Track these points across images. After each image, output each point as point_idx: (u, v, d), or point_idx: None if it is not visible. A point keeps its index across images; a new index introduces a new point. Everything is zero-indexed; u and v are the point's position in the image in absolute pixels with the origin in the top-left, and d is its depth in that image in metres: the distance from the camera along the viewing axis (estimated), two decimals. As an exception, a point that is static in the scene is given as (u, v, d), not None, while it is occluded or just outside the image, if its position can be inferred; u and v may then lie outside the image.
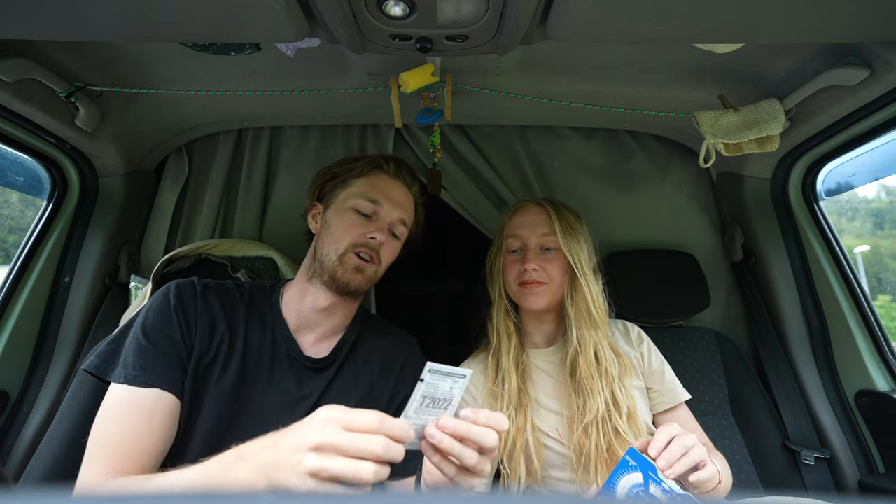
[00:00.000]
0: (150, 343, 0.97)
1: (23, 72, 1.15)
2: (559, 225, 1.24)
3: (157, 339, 0.98)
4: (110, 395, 0.94)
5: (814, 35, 0.97)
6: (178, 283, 1.08)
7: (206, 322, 1.04)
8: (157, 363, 0.96)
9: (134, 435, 0.90)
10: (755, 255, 1.70)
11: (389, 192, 1.17)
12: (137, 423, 0.91)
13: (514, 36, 0.92)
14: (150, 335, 0.98)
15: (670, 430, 0.93)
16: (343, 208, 1.15)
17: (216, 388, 1.00)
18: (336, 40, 0.95)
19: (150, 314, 1.02)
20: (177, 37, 1.01)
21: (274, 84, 1.44)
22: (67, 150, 1.44)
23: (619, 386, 1.17)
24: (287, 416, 1.01)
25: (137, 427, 0.91)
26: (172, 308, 1.02)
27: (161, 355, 0.97)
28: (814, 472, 1.45)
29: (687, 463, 0.88)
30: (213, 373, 1.01)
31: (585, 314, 1.21)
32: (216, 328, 1.04)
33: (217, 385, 1.01)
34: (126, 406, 0.92)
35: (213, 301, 1.07)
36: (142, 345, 0.97)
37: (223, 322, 1.06)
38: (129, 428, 0.91)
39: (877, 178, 1.60)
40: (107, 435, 0.91)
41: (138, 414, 0.92)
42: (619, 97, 1.52)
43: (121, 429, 0.91)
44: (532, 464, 1.14)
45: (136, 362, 0.95)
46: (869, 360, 1.49)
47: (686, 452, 0.89)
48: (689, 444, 0.90)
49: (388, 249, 1.15)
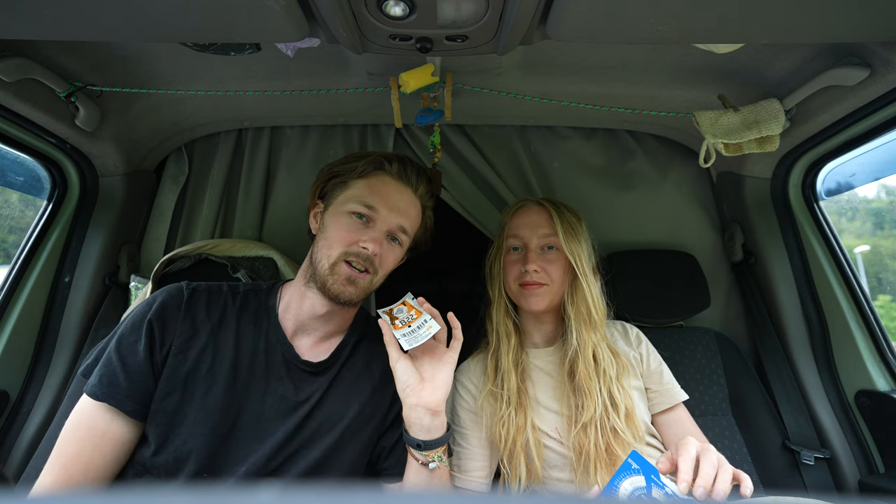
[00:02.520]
0: (118, 356, 0.97)
1: (23, 72, 1.15)
2: (561, 225, 1.24)
3: (124, 353, 0.98)
4: (79, 404, 0.96)
5: (814, 35, 0.97)
6: (165, 292, 1.06)
7: (184, 333, 1.01)
8: (116, 378, 0.95)
9: (83, 457, 0.91)
10: (755, 255, 1.70)
11: (389, 196, 1.10)
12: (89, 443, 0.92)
13: (514, 36, 0.92)
14: (120, 346, 0.98)
15: (689, 451, 0.86)
16: (339, 212, 1.09)
17: (204, 403, 0.97)
18: (336, 40, 0.95)
19: (128, 323, 1.01)
20: (177, 37, 1.01)
21: (274, 84, 1.44)
22: (67, 150, 1.44)
23: (617, 386, 1.17)
24: (285, 423, 1.01)
25: (88, 448, 0.92)
26: (146, 322, 1.00)
27: (121, 371, 0.96)
28: (814, 472, 1.45)
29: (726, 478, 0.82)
30: (196, 386, 0.98)
31: (585, 314, 1.21)
32: (195, 338, 1.02)
33: (205, 399, 0.98)
34: (84, 421, 0.93)
35: (199, 309, 1.05)
36: (110, 357, 0.97)
37: (206, 331, 1.03)
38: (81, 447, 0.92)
39: (877, 178, 1.60)
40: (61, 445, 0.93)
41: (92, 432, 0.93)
42: (619, 97, 1.52)
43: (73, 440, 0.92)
44: (532, 463, 1.14)
45: (98, 372, 0.96)
46: (869, 360, 1.49)
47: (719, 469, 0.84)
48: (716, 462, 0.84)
49: (386, 257, 1.09)
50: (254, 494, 0.28)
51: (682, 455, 0.86)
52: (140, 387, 0.96)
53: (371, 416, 1.10)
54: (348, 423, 1.06)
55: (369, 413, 1.10)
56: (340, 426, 1.06)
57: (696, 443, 0.88)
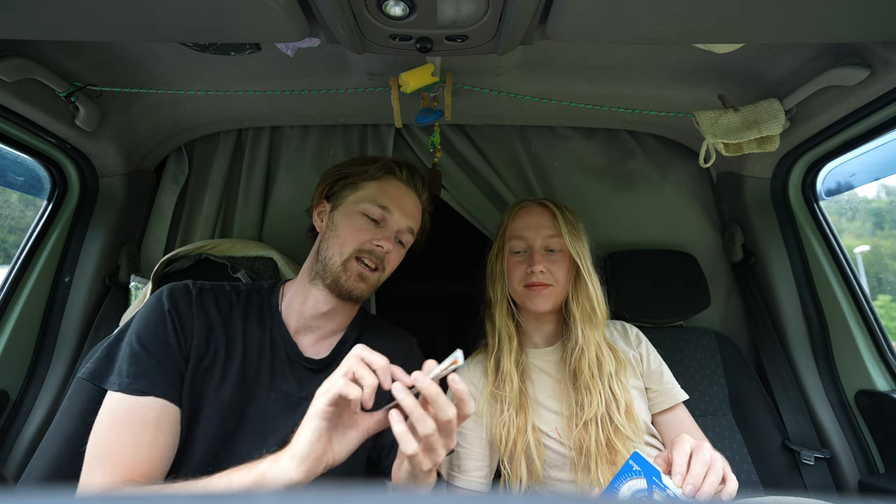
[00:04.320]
0: (144, 349, 0.96)
1: (23, 72, 1.15)
2: (565, 226, 1.24)
3: (151, 346, 0.96)
4: (107, 403, 0.93)
5: (814, 35, 0.97)
6: (172, 287, 1.06)
7: (202, 326, 1.02)
8: (152, 370, 0.94)
9: (132, 444, 0.89)
10: (755, 255, 1.70)
11: (400, 199, 1.15)
12: (135, 433, 0.90)
13: (514, 36, 0.92)
14: (144, 341, 0.97)
15: (684, 446, 0.88)
16: (352, 211, 1.13)
17: (216, 397, 0.98)
18: (336, 40, 0.95)
19: (145, 319, 1.00)
20: (177, 37, 1.01)
21: (274, 84, 1.44)
22: (67, 150, 1.44)
23: (617, 382, 1.18)
24: (288, 419, 1.01)
25: (136, 436, 0.89)
26: (167, 312, 1.00)
27: (155, 362, 0.95)
28: (814, 472, 1.45)
29: (713, 481, 0.84)
30: (211, 380, 0.99)
31: (590, 313, 1.22)
32: (213, 333, 1.03)
33: (217, 393, 0.99)
34: (122, 415, 0.91)
35: (209, 304, 1.06)
36: (136, 351, 0.95)
37: (220, 326, 1.04)
38: (127, 437, 0.89)
39: (877, 178, 1.60)
40: (106, 444, 0.89)
41: (135, 423, 0.90)
42: (619, 97, 1.52)
43: (119, 437, 0.89)
44: (533, 464, 1.14)
45: (130, 370, 0.94)
46: (869, 359, 1.49)
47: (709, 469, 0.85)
48: (708, 460, 0.86)
49: (393, 257, 1.14)
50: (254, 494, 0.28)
51: (676, 450, 0.88)
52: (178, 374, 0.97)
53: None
54: None
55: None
56: None
57: (692, 440, 0.90)
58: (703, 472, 0.84)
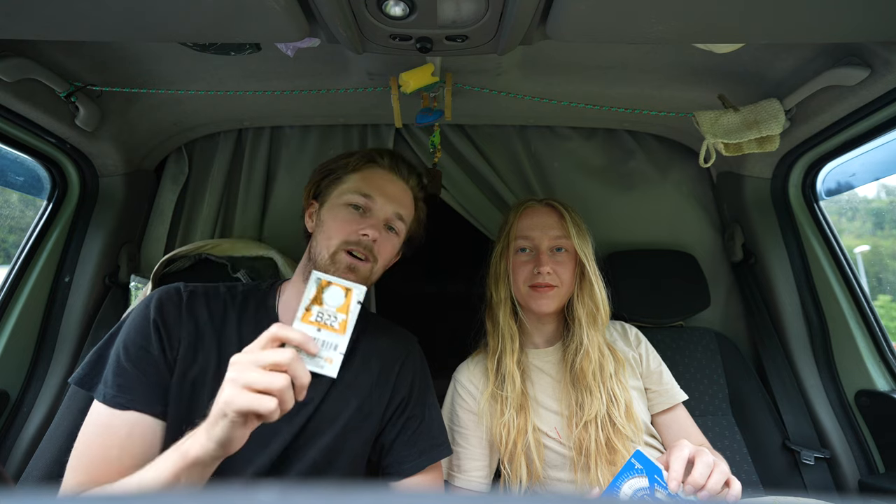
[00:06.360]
0: (129, 361, 0.95)
1: (23, 72, 1.15)
2: (573, 227, 1.24)
3: (136, 357, 0.96)
4: (93, 411, 0.93)
5: (814, 35, 0.97)
6: (161, 292, 1.04)
7: (190, 333, 1.00)
8: (136, 384, 0.93)
9: (112, 458, 0.89)
10: (755, 255, 1.70)
11: (383, 186, 1.13)
12: (115, 446, 0.90)
13: (514, 36, 0.92)
14: (130, 352, 0.96)
15: (682, 451, 0.87)
16: (336, 205, 1.12)
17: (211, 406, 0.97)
18: (336, 40, 0.95)
19: (132, 328, 0.99)
20: (177, 37, 1.01)
21: (274, 84, 1.44)
22: (67, 150, 1.44)
23: (617, 382, 1.18)
24: (289, 424, 1.01)
25: (115, 450, 0.90)
26: (152, 322, 0.98)
27: (140, 374, 0.94)
28: (814, 472, 1.45)
29: (719, 479, 0.84)
30: (204, 390, 0.97)
31: (594, 312, 1.22)
32: (202, 339, 1.01)
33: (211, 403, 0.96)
34: (101, 427, 0.91)
35: (200, 309, 1.04)
36: (121, 363, 0.95)
37: (210, 331, 1.02)
38: (107, 451, 0.89)
39: (877, 178, 1.60)
40: (87, 454, 0.90)
41: (116, 436, 0.90)
42: (619, 97, 1.52)
43: (101, 450, 0.90)
44: (533, 464, 1.14)
45: (115, 381, 0.93)
46: (869, 360, 1.49)
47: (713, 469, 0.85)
48: (711, 462, 0.86)
49: (384, 246, 1.12)
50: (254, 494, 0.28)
51: (673, 455, 0.87)
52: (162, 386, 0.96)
53: (369, 413, 1.10)
54: (347, 420, 1.06)
55: (367, 410, 1.10)
56: (339, 424, 1.06)
57: (690, 445, 0.89)
58: (706, 473, 0.84)
